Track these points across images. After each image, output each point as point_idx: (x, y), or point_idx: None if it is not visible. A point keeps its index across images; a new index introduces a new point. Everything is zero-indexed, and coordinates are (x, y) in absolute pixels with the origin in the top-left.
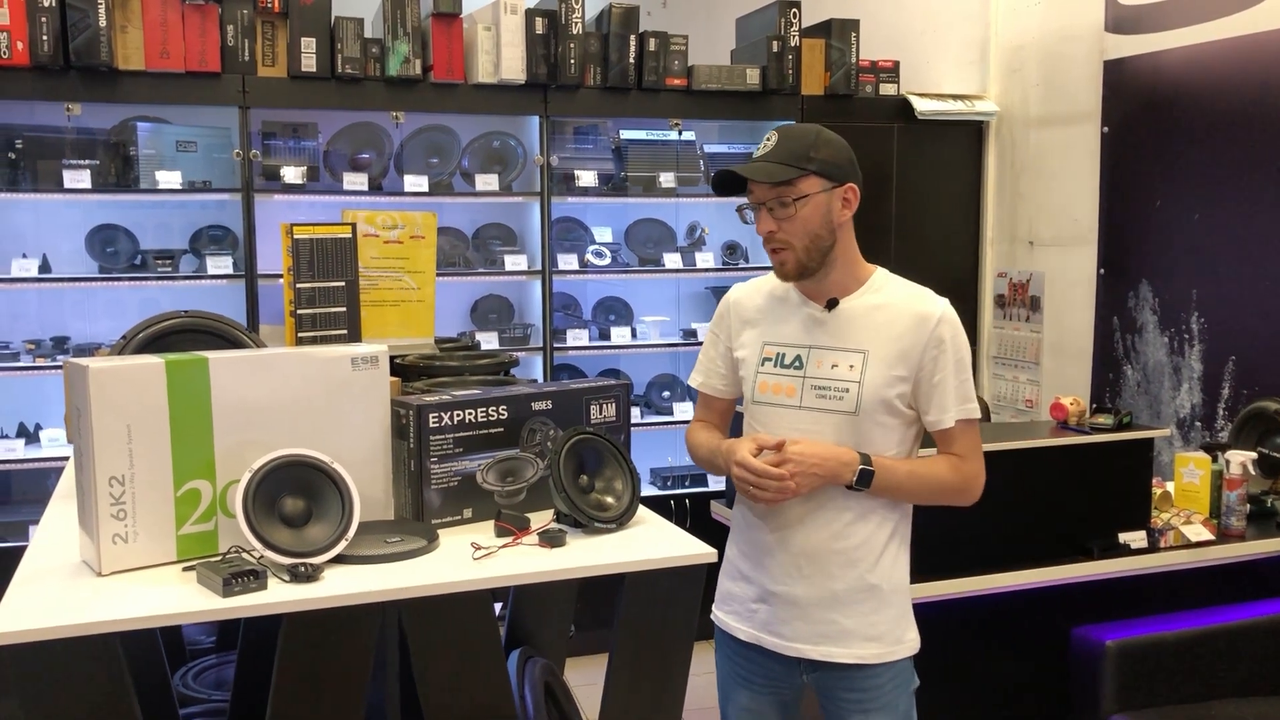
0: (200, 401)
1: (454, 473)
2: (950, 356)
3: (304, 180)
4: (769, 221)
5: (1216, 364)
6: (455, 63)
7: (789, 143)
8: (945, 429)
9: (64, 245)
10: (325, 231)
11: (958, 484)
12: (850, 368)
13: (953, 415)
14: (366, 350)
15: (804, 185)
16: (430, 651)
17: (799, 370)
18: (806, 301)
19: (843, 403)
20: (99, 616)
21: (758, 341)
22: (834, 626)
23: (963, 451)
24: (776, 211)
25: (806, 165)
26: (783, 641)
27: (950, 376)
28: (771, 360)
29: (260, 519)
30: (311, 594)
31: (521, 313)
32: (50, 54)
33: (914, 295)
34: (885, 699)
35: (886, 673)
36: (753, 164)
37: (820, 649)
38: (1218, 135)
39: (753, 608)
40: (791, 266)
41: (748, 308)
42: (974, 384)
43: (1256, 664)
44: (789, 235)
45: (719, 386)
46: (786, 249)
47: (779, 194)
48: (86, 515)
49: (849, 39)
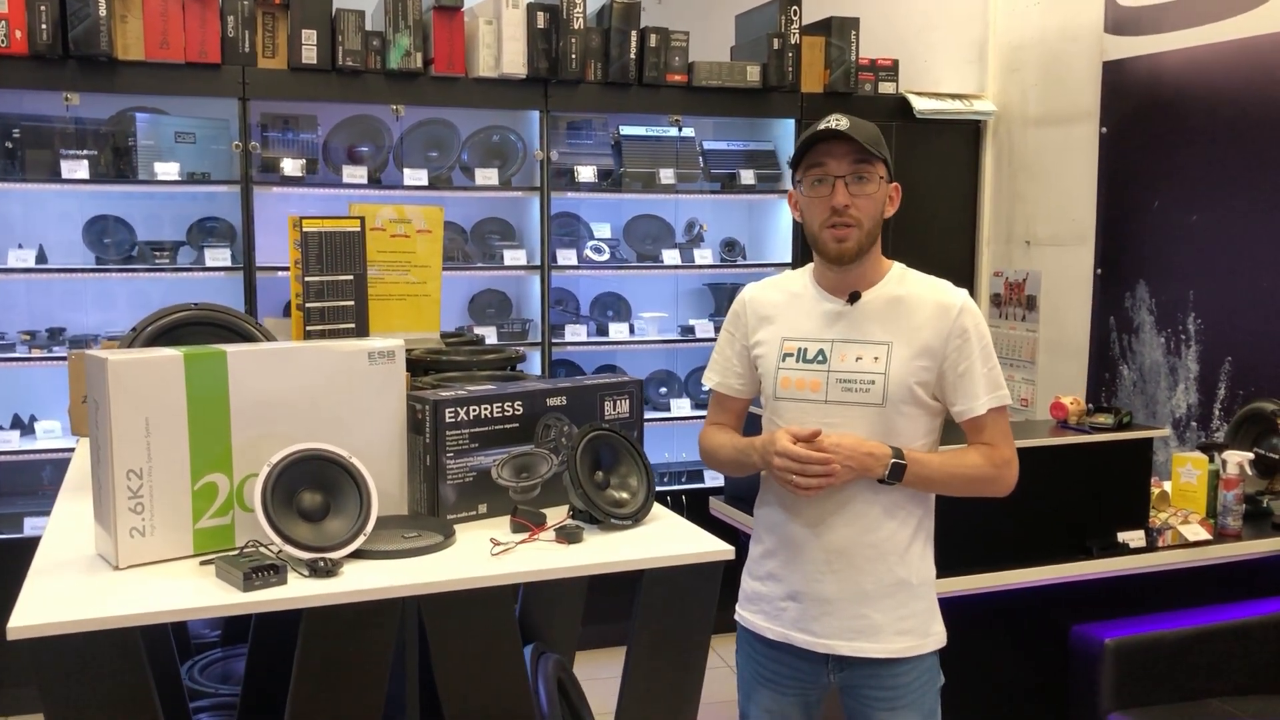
0: (218, 395)
1: (469, 468)
2: (975, 345)
3: (303, 173)
4: (845, 195)
5: (1213, 365)
6: (456, 56)
7: (863, 128)
8: (975, 417)
9: (60, 236)
10: (334, 225)
11: (991, 473)
12: (875, 359)
13: (984, 403)
14: (383, 345)
15: (879, 168)
16: (450, 647)
17: (823, 364)
18: (825, 296)
19: (869, 394)
20: (121, 610)
21: (776, 338)
22: (865, 621)
23: (993, 440)
24: (853, 187)
25: (881, 152)
26: (813, 638)
27: (977, 364)
28: (793, 355)
29: (279, 513)
30: (332, 589)
31: (519, 308)
32: (49, 43)
33: (934, 286)
34: (913, 696)
35: (915, 669)
36: (850, 131)
37: (853, 644)
38: (1217, 137)
39: (781, 606)
40: (852, 244)
41: (764, 304)
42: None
43: (1253, 663)
44: (861, 213)
45: (736, 386)
46: (854, 226)
47: (860, 169)
48: (103, 509)
49: (849, 37)
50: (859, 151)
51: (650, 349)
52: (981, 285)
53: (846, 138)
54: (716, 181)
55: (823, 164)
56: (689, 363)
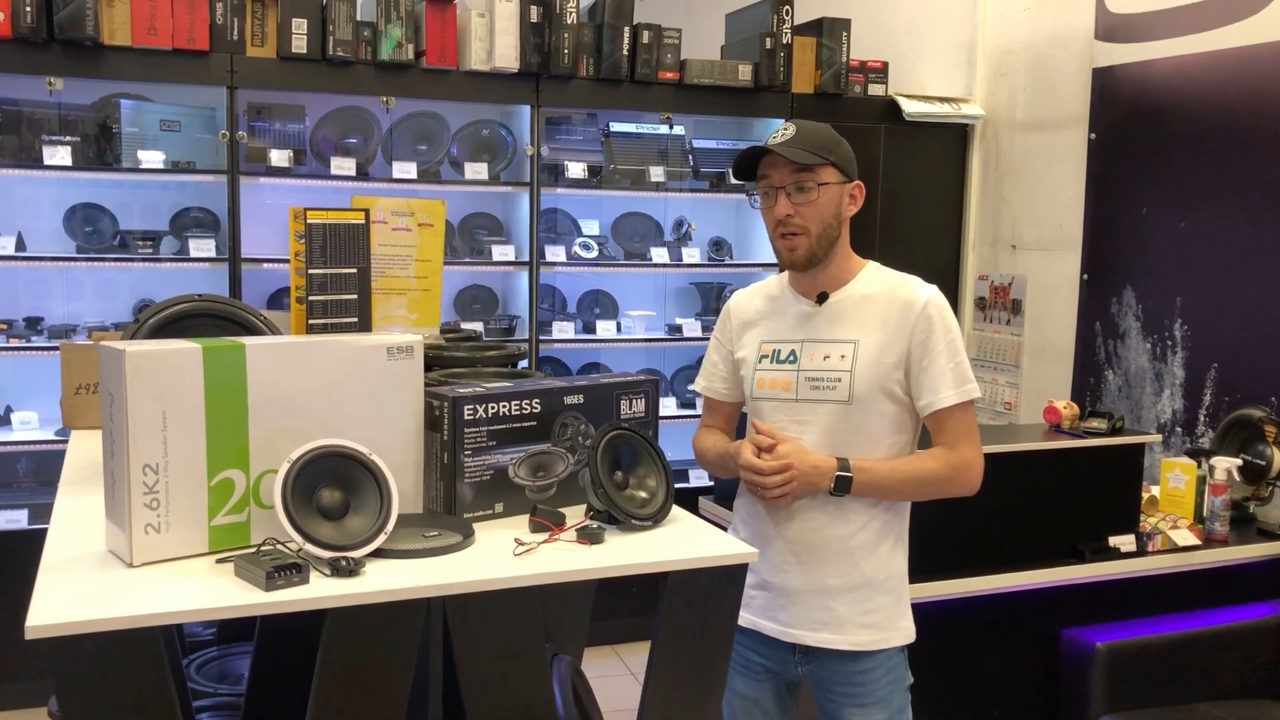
0: (236, 388)
1: (487, 466)
2: (940, 338)
3: (290, 164)
4: (786, 205)
5: (1199, 371)
6: (448, 49)
7: (809, 134)
8: (937, 411)
9: (41, 223)
10: (338, 217)
11: (946, 474)
12: (841, 358)
13: (945, 396)
14: (402, 340)
15: (824, 174)
16: (475, 648)
17: (793, 364)
18: (799, 298)
19: (835, 392)
20: (143, 609)
21: (756, 341)
22: (828, 613)
23: (953, 438)
24: (795, 196)
25: (827, 155)
26: (780, 627)
27: (941, 358)
28: (768, 357)
29: (299, 511)
30: (357, 589)
31: (505, 304)
32: (33, 26)
33: (900, 283)
34: (880, 693)
35: (881, 665)
36: (780, 146)
37: (817, 635)
38: (1205, 145)
39: (752, 594)
40: (803, 252)
41: (747, 310)
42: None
43: (1240, 667)
44: (806, 220)
45: (721, 390)
46: (801, 234)
47: (800, 179)
48: (116, 504)
49: (840, 38)
50: (798, 162)
51: (637, 347)
52: (966, 288)
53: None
54: (705, 180)
55: (767, 175)
56: (675, 361)
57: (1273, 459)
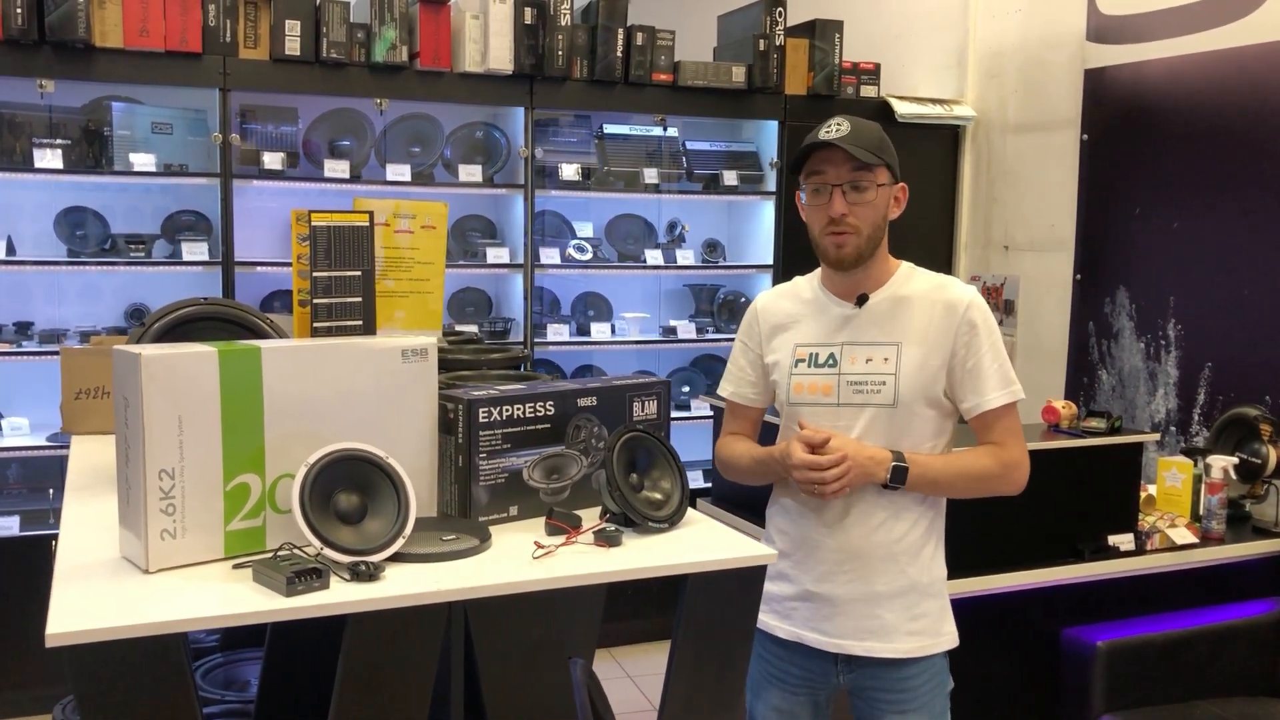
0: (252, 392)
1: (501, 469)
2: (984, 340)
3: (283, 166)
4: (842, 204)
5: (1193, 370)
6: (442, 51)
7: (865, 131)
8: (984, 413)
9: (31, 227)
10: (343, 219)
11: (998, 471)
12: (885, 360)
13: (993, 398)
14: (417, 342)
15: (880, 174)
16: (496, 651)
17: (833, 368)
18: (835, 300)
19: (880, 395)
20: (165, 616)
21: (789, 345)
22: (876, 621)
23: (1001, 438)
24: (850, 195)
25: (883, 155)
26: (825, 638)
27: (986, 359)
28: (805, 361)
29: (317, 515)
30: (378, 593)
31: (499, 306)
32: (24, 27)
33: (941, 284)
34: (922, 699)
35: (925, 670)
36: (843, 141)
37: (864, 644)
38: (1198, 146)
39: (792, 606)
40: (851, 251)
41: (776, 313)
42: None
43: (1238, 665)
44: (860, 220)
45: (750, 395)
46: (853, 233)
47: (857, 178)
48: (131, 510)
49: (832, 40)
50: (857, 159)
51: (631, 349)
52: None
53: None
54: (699, 182)
55: (821, 172)
56: (669, 364)
57: (1268, 457)
